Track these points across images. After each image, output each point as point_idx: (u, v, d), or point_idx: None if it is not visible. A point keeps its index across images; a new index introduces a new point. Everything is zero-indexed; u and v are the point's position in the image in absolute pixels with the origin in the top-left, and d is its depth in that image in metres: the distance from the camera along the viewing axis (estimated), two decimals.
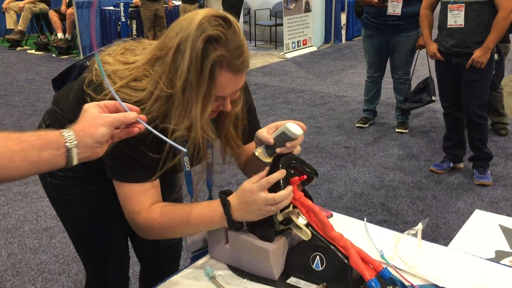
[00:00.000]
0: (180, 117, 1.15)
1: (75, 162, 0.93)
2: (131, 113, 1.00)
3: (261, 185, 1.13)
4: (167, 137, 1.09)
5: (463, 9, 3.31)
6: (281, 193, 1.12)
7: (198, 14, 1.12)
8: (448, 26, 3.38)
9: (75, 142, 0.93)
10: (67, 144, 0.92)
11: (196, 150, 1.21)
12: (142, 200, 1.21)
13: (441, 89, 3.69)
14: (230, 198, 1.18)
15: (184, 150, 1.12)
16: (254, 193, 1.13)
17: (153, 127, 1.07)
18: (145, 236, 1.27)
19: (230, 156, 1.37)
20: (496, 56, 3.98)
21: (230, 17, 1.14)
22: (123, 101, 1.04)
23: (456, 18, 3.37)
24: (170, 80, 1.13)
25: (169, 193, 1.38)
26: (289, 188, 1.14)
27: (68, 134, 0.93)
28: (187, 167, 1.32)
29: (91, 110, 0.98)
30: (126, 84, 1.17)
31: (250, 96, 1.43)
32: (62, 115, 1.37)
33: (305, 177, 1.17)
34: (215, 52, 1.09)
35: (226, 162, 1.38)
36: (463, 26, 3.33)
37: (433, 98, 4.37)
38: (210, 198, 1.43)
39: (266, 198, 1.12)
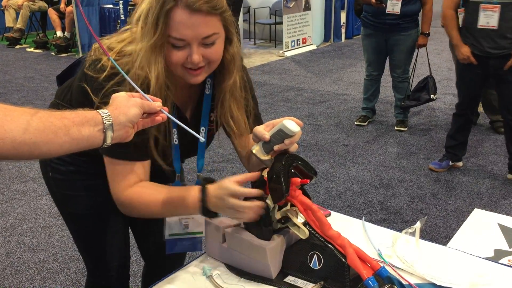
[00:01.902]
0: (150, 65, 1.14)
1: (109, 140, 0.98)
2: (155, 103, 1.04)
3: (235, 191, 1.14)
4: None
5: (498, 10, 3.20)
6: (245, 203, 1.14)
7: None
8: (478, 27, 3.28)
9: (111, 120, 0.97)
10: (105, 121, 0.96)
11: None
12: (129, 177, 1.23)
13: (466, 92, 3.59)
14: (209, 186, 1.19)
15: (203, 139, 1.12)
16: (228, 195, 1.15)
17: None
18: (127, 213, 1.29)
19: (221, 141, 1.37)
20: None
21: None
22: (118, 72, 1.08)
23: (489, 19, 3.26)
24: (141, 33, 1.15)
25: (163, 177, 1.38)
26: (256, 202, 1.15)
27: (105, 113, 0.97)
28: (175, 141, 1.31)
29: (121, 95, 1.03)
30: (120, 52, 1.20)
31: (253, 88, 1.42)
32: (65, 106, 1.38)
33: (308, 181, 1.17)
34: None
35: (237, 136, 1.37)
36: (496, 27, 3.22)
37: (432, 96, 4.37)
38: (198, 182, 1.41)
39: (234, 205, 1.14)
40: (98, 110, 0.98)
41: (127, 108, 1.00)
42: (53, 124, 0.91)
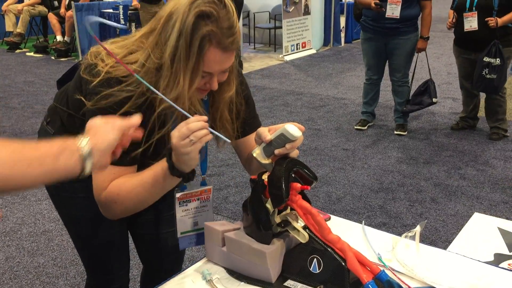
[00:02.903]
0: (168, 87, 1.17)
1: (88, 169, 0.93)
2: (135, 116, 1.04)
3: (178, 126, 1.12)
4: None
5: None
6: (191, 119, 1.12)
7: None
8: None
9: (89, 148, 0.93)
10: (82, 148, 0.92)
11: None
12: (108, 179, 1.22)
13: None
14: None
15: (228, 140, 1.17)
16: (173, 136, 1.12)
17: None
18: (110, 216, 1.28)
19: (223, 142, 1.36)
20: (498, 61, 3.99)
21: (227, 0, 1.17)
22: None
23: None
24: (160, 50, 1.16)
25: None
26: (201, 117, 1.13)
27: (81, 140, 0.94)
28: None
29: (97, 121, 1.00)
30: (121, 58, 1.19)
31: (248, 89, 1.45)
32: (63, 109, 1.40)
33: (308, 188, 1.17)
34: (205, 27, 1.12)
35: (220, 146, 1.38)
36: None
37: (434, 100, 4.38)
38: (204, 183, 1.42)
39: (179, 131, 1.11)
40: (75, 138, 0.94)
41: (105, 133, 0.96)
42: (25, 156, 0.87)
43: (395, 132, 4.63)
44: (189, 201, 1.39)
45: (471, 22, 4.13)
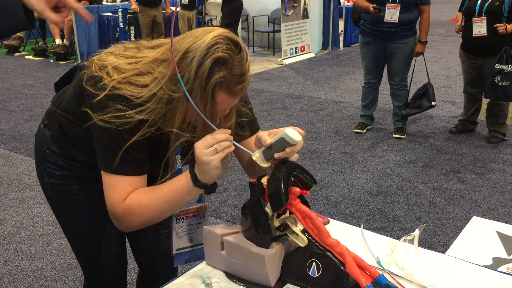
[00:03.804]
0: (185, 123, 1.20)
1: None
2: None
3: (202, 140, 1.16)
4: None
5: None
6: (217, 131, 1.16)
7: (215, 31, 1.16)
8: None
9: None
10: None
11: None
12: (124, 191, 1.22)
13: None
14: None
15: (250, 152, 1.20)
16: (196, 147, 1.16)
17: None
18: (124, 228, 1.27)
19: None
20: (510, 67, 3.99)
21: (243, 44, 1.18)
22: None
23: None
24: (174, 85, 1.16)
25: None
26: (225, 130, 1.18)
27: None
28: (179, 165, 1.33)
29: None
30: (127, 78, 1.19)
31: (246, 93, 1.44)
32: (60, 113, 1.40)
33: (308, 192, 1.17)
34: (219, 73, 1.13)
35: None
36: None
37: (433, 103, 4.39)
38: (200, 200, 1.43)
39: (204, 140, 1.15)
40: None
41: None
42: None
43: (394, 136, 4.63)
44: (186, 218, 1.41)
45: (480, 28, 4.12)
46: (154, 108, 1.18)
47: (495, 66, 4.07)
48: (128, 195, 1.23)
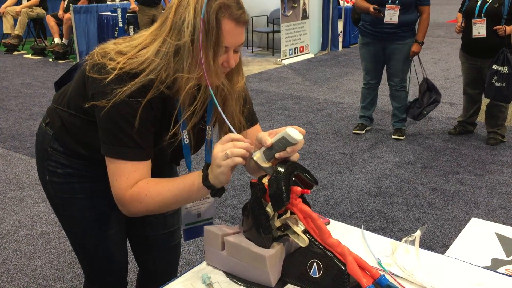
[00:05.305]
0: (192, 66, 1.19)
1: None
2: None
3: (219, 142, 1.17)
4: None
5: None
6: (240, 137, 1.16)
7: None
8: None
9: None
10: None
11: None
12: (131, 177, 1.23)
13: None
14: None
15: (239, 135, 1.18)
16: (215, 146, 1.17)
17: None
18: (127, 212, 1.28)
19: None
20: (506, 69, 4.00)
21: None
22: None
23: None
24: (177, 32, 1.18)
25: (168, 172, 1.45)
26: (247, 140, 1.18)
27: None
28: (186, 141, 1.34)
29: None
30: (132, 56, 1.21)
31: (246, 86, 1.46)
32: (62, 109, 1.40)
33: (309, 191, 1.17)
34: (216, 1, 1.16)
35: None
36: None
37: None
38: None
39: (223, 143, 1.16)
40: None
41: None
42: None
43: (393, 137, 4.64)
44: None
45: (479, 29, 4.14)
46: (160, 64, 1.19)
47: (492, 67, 4.09)
48: (135, 181, 1.23)
